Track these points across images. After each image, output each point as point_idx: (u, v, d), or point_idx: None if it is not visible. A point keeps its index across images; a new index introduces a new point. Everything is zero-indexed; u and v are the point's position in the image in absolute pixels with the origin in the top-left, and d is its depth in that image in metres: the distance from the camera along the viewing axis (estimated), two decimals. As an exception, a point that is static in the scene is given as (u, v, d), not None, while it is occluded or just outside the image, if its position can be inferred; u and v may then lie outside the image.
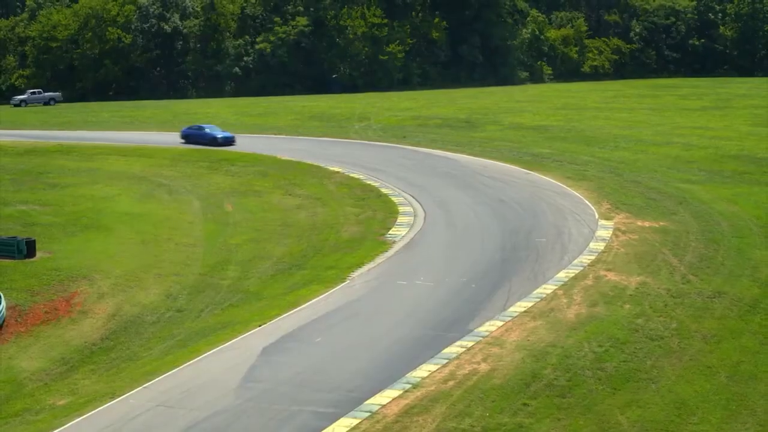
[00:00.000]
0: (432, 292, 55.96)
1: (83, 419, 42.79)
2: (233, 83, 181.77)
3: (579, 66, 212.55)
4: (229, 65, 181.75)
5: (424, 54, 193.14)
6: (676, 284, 56.40)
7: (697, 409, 42.51)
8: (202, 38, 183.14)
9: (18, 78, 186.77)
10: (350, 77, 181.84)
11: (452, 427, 40.67)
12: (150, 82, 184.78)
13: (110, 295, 58.05)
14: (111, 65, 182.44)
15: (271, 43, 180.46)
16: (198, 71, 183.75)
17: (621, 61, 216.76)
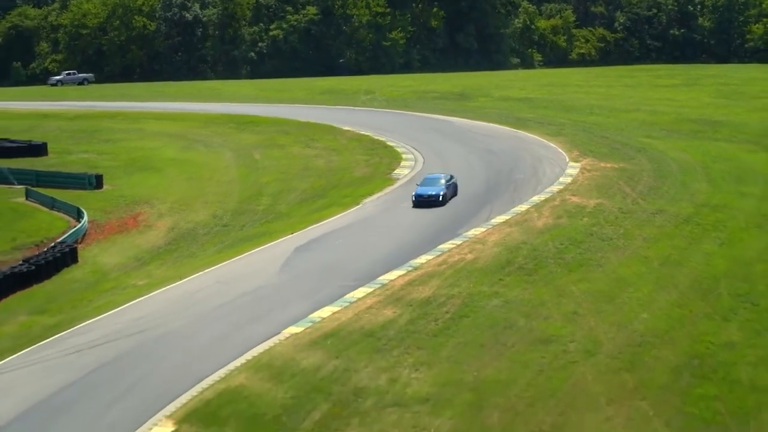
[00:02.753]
0: (428, 211, 67.98)
1: (161, 291, 54.91)
2: (249, 67, 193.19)
3: (567, 53, 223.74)
4: (245, 50, 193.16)
5: (424, 41, 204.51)
6: (627, 205, 68.37)
7: (633, 283, 54.45)
8: (220, 26, 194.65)
9: (51, 62, 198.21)
10: (356, 62, 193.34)
11: (444, 293, 52.73)
12: (172, 66, 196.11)
13: (168, 215, 70.01)
14: (136, 50, 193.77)
15: (283, 30, 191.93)
16: (216, 56, 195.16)
17: (606, 49, 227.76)
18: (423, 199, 67.23)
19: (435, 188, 68.20)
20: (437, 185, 68.42)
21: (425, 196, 67.20)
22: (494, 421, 40.13)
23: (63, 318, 52.09)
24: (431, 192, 67.61)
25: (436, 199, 67.26)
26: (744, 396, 42.18)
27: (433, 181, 69.01)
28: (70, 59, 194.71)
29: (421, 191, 68.01)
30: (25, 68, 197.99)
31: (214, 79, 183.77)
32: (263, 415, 40.63)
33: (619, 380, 43.49)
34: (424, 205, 67.07)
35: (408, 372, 44.20)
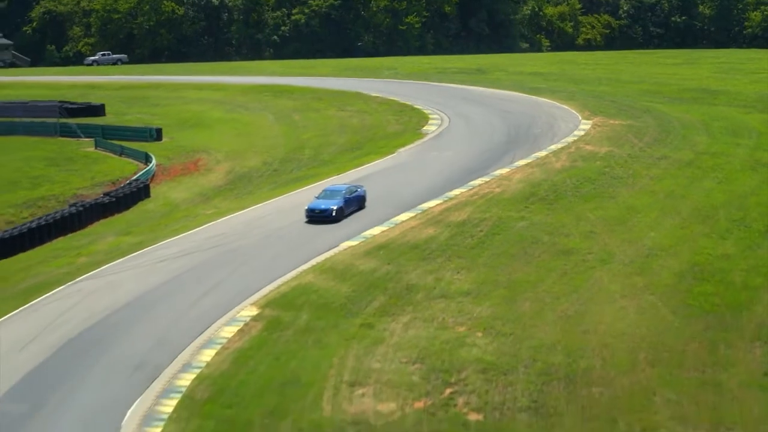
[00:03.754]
0: (458, 157, 75.14)
1: (228, 218, 62.19)
2: (271, 50, 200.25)
3: (573, 39, 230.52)
4: (268, 34, 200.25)
5: (438, 26, 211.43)
6: (635, 152, 75.54)
7: (641, 211, 61.65)
8: (244, 10, 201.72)
9: (83, 46, 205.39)
10: (373, 45, 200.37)
11: (477, 217, 59.96)
12: (199, 49, 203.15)
13: (224, 162, 77.27)
14: (165, 34, 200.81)
15: (305, 14, 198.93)
16: (241, 39, 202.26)
17: (611, 36, 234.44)
18: (314, 215, 59.66)
19: (328, 202, 59.94)
20: (334, 198, 60.35)
21: (316, 211, 59.54)
22: (526, 309, 47.25)
23: (146, 238, 59.32)
24: (322, 207, 59.52)
25: (328, 214, 59.28)
26: (737, 293, 49.27)
27: (331, 194, 61.02)
28: (102, 42, 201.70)
29: (313, 205, 60.12)
30: (59, 51, 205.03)
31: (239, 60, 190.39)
32: (331, 303, 47.80)
33: (630, 281, 50.56)
34: (317, 221, 59.58)
35: (450, 274, 51.34)
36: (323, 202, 59.78)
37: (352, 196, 61.89)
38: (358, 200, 62.56)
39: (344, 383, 39.80)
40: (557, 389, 39.78)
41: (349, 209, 61.26)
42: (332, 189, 61.72)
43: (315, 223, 59.26)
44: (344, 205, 60.48)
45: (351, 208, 61.47)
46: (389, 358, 42.04)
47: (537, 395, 39.08)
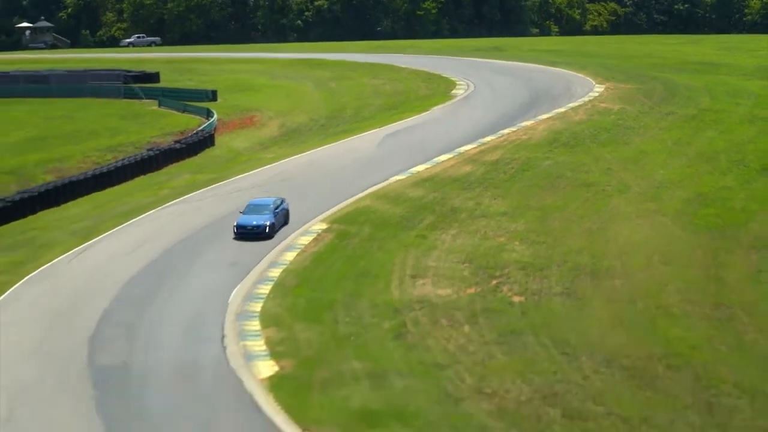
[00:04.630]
0: (486, 115, 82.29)
1: (288, 160, 69.56)
2: (295, 34, 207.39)
3: (581, 25, 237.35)
4: (292, 19, 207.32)
5: (453, 12, 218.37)
6: (645, 109, 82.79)
7: (652, 153, 68.89)
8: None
9: (116, 30, 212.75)
10: (392, 29, 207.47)
11: (508, 157, 67.27)
12: (226, 34, 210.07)
13: (275, 118, 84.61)
14: (195, 19, 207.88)
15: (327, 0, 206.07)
16: (266, 24, 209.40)
17: (616, 22, 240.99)
18: (246, 231, 52.10)
19: (260, 217, 52.61)
20: (264, 213, 53.04)
21: (248, 227, 52.07)
22: (555, 226, 54.58)
23: (217, 175, 66.73)
24: (255, 222, 52.19)
25: (261, 230, 51.99)
26: (736, 215, 56.62)
27: (258, 208, 53.39)
28: (134, 28, 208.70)
29: (244, 221, 52.44)
30: (93, 36, 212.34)
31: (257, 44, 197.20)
32: (389, 221, 55.20)
33: (644, 206, 57.86)
34: (248, 238, 52.08)
35: (488, 200, 58.73)
36: (255, 218, 52.36)
37: (279, 208, 54.70)
38: (285, 214, 55.41)
39: (407, 276, 47.14)
40: (585, 281, 47.10)
41: (279, 224, 54.30)
42: (257, 203, 54.31)
43: (246, 239, 51.83)
44: (275, 220, 53.59)
45: (280, 223, 54.39)
46: (442, 259, 49.38)
47: (568, 285, 46.37)
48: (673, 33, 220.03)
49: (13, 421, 31.59)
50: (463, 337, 40.26)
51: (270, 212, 52.97)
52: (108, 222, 55.52)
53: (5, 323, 40.72)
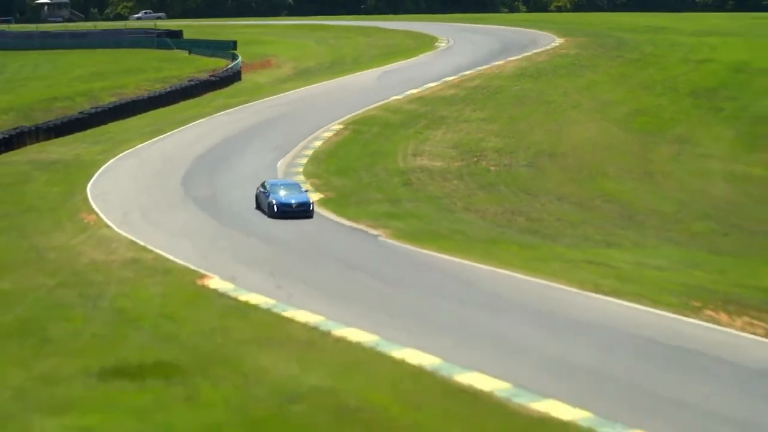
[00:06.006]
0: (465, 58, 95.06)
1: (304, 89, 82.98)
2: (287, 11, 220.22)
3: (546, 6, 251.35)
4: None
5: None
6: (597, 53, 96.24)
7: (600, 83, 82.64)
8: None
9: (122, 8, 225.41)
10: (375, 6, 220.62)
11: (485, 84, 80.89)
12: (223, 10, 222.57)
13: (288, 63, 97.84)
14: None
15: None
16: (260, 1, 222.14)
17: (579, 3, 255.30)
18: (291, 209, 44.88)
19: (299, 195, 45.86)
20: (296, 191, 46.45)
21: (293, 205, 44.96)
22: (522, 127, 68.30)
23: (249, 98, 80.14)
24: (299, 200, 45.29)
25: (307, 208, 45.23)
26: (665, 122, 70.94)
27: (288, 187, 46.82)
28: (138, 6, 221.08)
29: (286, 199, 45.15)
30: (101, 14, 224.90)
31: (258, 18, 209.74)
32: (391, 123, 68.66)
33: (592, 116, 71.77)
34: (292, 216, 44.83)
35: (469, 111, 72.30)
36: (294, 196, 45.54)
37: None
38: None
39: (409, 154, 60.75)
40: (544, 159, 60.99)
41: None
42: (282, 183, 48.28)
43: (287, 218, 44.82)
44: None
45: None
46: (435, 145, 63.09)
47: (531, 160, 60.21)
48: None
49: (154, 221, 45.05)
50: (454, 186, 54.05)
51: (302, 191, 46.67)
52: (169, 127, 68.78)
53: (115, 177, 54.18)
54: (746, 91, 79.38)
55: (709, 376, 24.99)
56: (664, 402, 23.30)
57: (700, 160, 62.73)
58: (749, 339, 28.39)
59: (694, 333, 28.74)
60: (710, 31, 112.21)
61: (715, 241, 45.00)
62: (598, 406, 22.99)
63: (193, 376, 25.18)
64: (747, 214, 51.65)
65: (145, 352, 26.89)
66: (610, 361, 26.24)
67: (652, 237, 45.33)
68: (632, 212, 50.55)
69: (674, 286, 33.70)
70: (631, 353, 27.00)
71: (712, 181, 58.43)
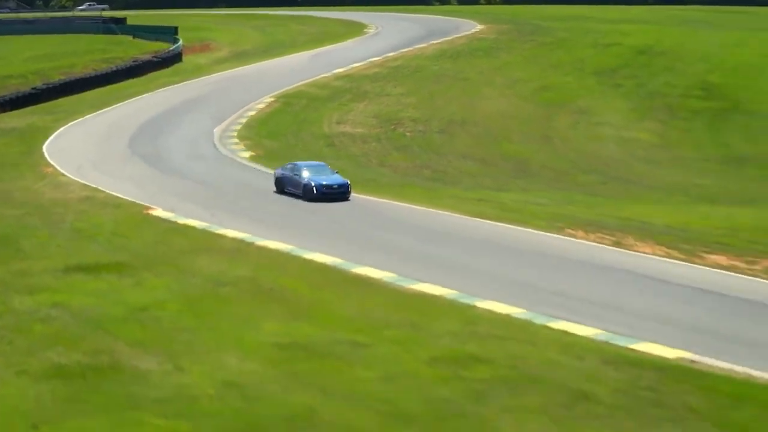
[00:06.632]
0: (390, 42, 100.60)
1: (246, 66, 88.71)
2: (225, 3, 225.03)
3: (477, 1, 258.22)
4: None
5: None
6: (513, 38, 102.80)
7: (513, 63, 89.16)
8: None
9: (66, 1, 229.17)
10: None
11: (406, 64, 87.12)
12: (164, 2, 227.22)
13: (226, 46, 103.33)
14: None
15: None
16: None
17: None
18: (333, 190, 43.03)
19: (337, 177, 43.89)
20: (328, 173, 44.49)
21: (335, 186, 43.09)
22: (439, 101, 74.37)
23: (187, 77, 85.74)
24: (339, 182, 43.46)
25: (346, 189, 43.34)
26: (568, 96, 77.33)
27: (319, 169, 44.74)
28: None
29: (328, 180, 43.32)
30: (46, 5, 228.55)
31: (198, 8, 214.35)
32: (318, 97, 74.36)
33: (503, 92, 78.00)
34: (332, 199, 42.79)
35: (390, 87, 78.23)
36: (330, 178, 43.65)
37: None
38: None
39: (333, 122, 66.63)
40: (455, 127, 67.25)
41: None
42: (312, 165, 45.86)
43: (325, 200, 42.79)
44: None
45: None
46: (358, 115, 69.00)
47: (444, 128, 66.37)
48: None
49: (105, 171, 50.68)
50: (372, 148, 60.21)
51: (334, 171, 44.75)
52: (115, 101, 74.19)
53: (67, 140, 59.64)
54: (645, 70, 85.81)
55: (552, 268, 31.42)
56: (509, 282, 29.87)
57: (596, 127, 69.05)
58: (598, 247, 34.60)
59: (552, 243, 35.01)
60: (627, 20, 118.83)
61: (595, 188, 51.39)
62: (462, 286, 29.17)
63: (141, 272, 30.96)
64: (628, 169, 58.24)
65: (100, 257, 32.65)
66: (479, 259, 32.53)
67: (541, 186, 51.59)
68: (527, 168, 56.86)
69: (546, 215, 39.93)
70: (497, 255, 33.27)
71: (603, 144, 64.87)
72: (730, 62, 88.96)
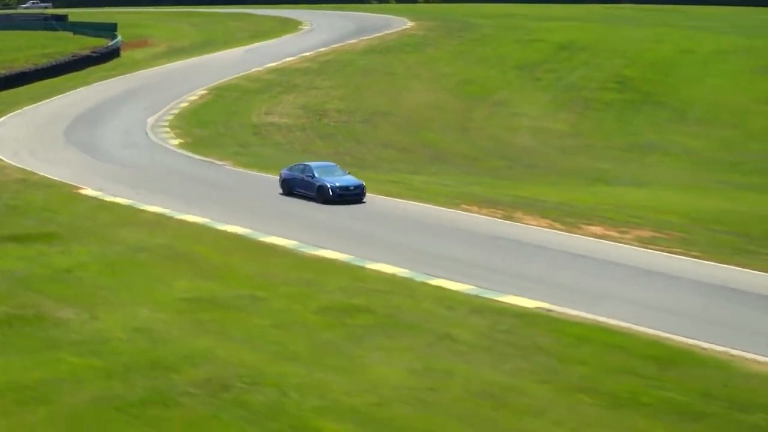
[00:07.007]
0: (324, 38, 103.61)
1: (182, 61, 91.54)
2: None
3: None
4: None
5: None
6: (442, 34, 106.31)
7: (440, 58, 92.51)
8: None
9: None
10: None
11: (336, 59, 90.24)
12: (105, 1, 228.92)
13: (164, 42, 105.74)
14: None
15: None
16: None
17: None
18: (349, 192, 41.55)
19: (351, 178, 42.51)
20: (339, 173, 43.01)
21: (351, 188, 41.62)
22: (366, 93, 77.36)
23: (124, 71, 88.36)
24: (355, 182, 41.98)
25: (361, 191, 41.86)
26: (489, 89, 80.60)
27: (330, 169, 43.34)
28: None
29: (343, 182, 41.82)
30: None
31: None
32: (250, 90, 77.18)
33: (429, 85, 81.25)
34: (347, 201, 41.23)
35: (320, 81, 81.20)
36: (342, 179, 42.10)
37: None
38: None
39: (262, 113, 69.52)
40: (378, 117, 70.35)
41: None
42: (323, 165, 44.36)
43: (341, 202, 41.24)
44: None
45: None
46: (286, 107, 71.95)
47: (367, 118, 69.48)
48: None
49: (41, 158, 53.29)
50: (296, 136, 63.31)
51: (346, 172, 43.40)
52: (53, 93, 76.65)
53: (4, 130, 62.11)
54: (565, 65, 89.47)
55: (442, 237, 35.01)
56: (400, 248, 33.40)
57: (513, 118, 72.52)
58: (488, 219, 38.01)
59: (447, 216, 38.50)
60: (556, 18, 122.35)
61: (501, 172, 54.84)
62: (357, 252, 32.43)
63: (68, 242, 33.90)
64: (538, 156, 61.77)
65: (31, 229, 35.57)
66: (376, 229, 35.93)
67: (452, 171, 54.96)
68: (443, 155, 60.21)
69: (448, 194, 43.32)
70: (394, 226, 36.60)
71: (518, 133, 68.34)
72: (647, 57, 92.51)
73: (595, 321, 26.15)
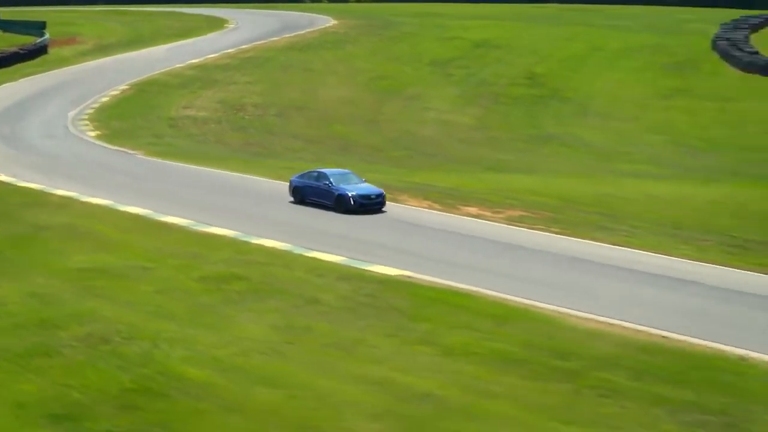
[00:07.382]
0: (247, 36, 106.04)
1: (110, 57, 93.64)
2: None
3: None
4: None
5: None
6: (362, 32, 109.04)
7: (358, 55, 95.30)
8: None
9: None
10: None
11: (258, 55, 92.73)
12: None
13: (92, 40, 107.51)
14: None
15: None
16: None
17: None
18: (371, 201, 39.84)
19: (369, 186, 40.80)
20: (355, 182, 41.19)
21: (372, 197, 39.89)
22: (283, 89, 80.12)
23: (51, 67, 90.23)
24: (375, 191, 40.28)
25: (382, 199, 40.18)
26: (401, 85, 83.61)
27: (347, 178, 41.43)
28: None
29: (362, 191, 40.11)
30: None
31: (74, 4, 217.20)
32: (171, 85, 79.37)
33: (344, 81, 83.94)
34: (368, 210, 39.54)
35: (239, 76, 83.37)
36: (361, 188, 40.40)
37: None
38: None
39: (181, 107, 71.74)
40: (292, 111, 72.85)
41: None
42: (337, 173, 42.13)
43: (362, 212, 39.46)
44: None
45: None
46: (204, 101, 74.17)
47: (281, 112, 72.02)
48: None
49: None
50: (211, 128, 65.66)
51: (362, 179, 41.73)
52: (-13, 88, 78.55)
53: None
54: (478, 61, 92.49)
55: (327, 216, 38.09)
56: (285, 225, 36.48)
57: (422, 111, 75.31)
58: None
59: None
60: (476, 16, 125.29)
61: (402, 161, 57.66)
62: (243, 228, 35.19)
63: (-25, 222, 36.24)
64: (442, 147, 64.64)
65: (-59, 211, 37.84)
66: (263, 209, 38.62)
67: (355, 160, 57.70)
68: (349, 146, 62.91)
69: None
70: (283, 206, 39.32)
71: (425, 126, 71.15)
72: (558, 55, 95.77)
73: (447, 286, 28.93)
